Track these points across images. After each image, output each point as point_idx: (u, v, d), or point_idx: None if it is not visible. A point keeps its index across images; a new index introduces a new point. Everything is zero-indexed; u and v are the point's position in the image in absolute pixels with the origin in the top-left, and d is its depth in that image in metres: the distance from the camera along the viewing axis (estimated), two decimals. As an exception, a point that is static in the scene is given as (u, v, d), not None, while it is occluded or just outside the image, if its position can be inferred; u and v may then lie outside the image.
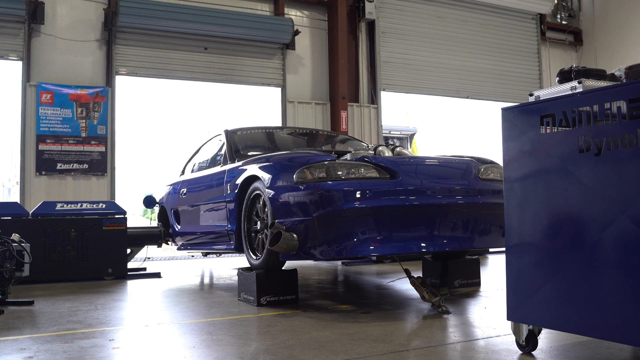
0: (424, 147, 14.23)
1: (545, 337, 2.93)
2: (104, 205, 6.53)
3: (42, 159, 8.85)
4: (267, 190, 4.19)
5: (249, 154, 5.38)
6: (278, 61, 10.73)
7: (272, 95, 10.83)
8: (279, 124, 10.50)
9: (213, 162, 5.86)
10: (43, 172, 8.85)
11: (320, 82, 11.12)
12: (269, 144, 6.02)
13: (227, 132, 5.75)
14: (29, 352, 2.89)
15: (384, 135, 11.78)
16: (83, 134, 9.11)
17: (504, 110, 2.66)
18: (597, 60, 13.37)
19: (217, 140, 5.98)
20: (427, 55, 12.00)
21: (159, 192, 7.60)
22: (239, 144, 5.59)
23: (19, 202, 8.36)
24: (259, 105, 10.97)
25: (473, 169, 4.30)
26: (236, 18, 10.07)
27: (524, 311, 2.57)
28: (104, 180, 9.23)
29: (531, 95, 2.66)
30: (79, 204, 6.43)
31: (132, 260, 6.96)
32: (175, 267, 7.81)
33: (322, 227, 3.79)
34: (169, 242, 7.22)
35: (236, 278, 5.06)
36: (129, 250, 6.68)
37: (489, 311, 3.92)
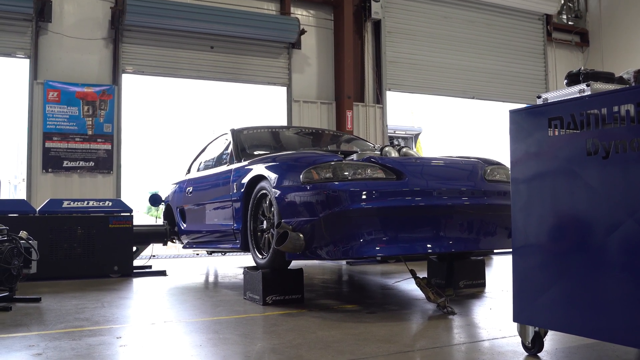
0: (429, 148, 14.23)
1: (551, 338, 2.93)
2: (110, 203, 6.56)
3: (48, 157, 8.89)
4: (273, 190, 4.20)
5: (255, 153, 5.40)
6: (284, 60, 10.74)
7: (277, 95, 10.84)
8: (285, 124, 10.51)
9: (219, 161, 5.88)
10: (49, 170, 8.89)
11: (325, 82, 11.12)
12: (275, 144, 6.04)
13: (233, 132, 5.76)
14: (37, 349, 2.91)
15: (389, 135, 11.78)
16: (89, 132, 9.14)
17: (512, 112, 2.67)
18: (604, 61, 13.33)
19: (223, 139, 6.00)
20: (433, 55, 11.98)
21: (165, 191, 7.63)
22: (245, 143, 5.61)
23: (25, 199, 8.40)
24: (264, 105, 11.00)
25: (479, 170, 4.31)
26: (243, 17, 10.09)
27: (530, 313, 2.57)
28: (110, 178, 9.26)
29: (539, 97, 2.66)
30: (86, 202, 6.46)
31: (137, 258, 6.99)
32: (181, 266, 7.84)
33: (328, 227, 3.80)
34: (175, 241, 7.25)
35: (241, 277, 5.08)
36: (134, 248, 6.71)
37: (494, 312, 3.92)
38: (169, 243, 7.44)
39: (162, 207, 7.63)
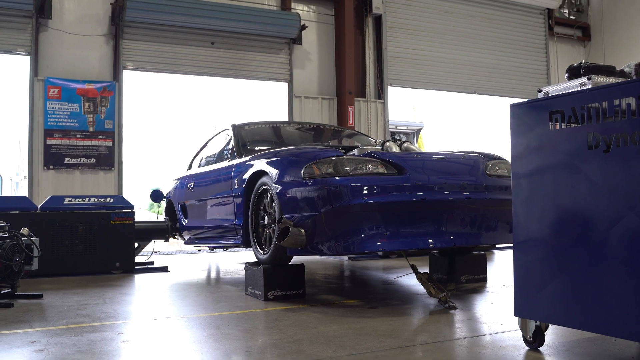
0: (431, 143, 14.21)
1: (552, 333, 2.93)
2: (111, 200, 6.56)
3: (50, 153, 8.90)
4: (274, 185, 4.20)
5: (256, 148, 5.40)
6: (285, 56, 10.73)
7: (278, 90, 10.84)
8: (286, 119, 10.50)
9: (220, 156, 5.87)
10: (51, 167, 8.90)
11: (327, 77, 11.11)
12: (276, 139, 6.03)
13: (234, 127, 5.76)
14: (39, 345, 2.91)
15: (390, 130, 11.78)
16: (90, 129, 9.15)
17: (513, 106, 2.66)
18: (605, 56, 13.30)
19: (225, 135, 5.99)
20: (434, 50, 11.97)
21: (166, 187, 7.62)
22: (246, 138, 5.60)
23: (27, 196, 8.41)
24: (265, 100, 11.00)
25: (480, 165, 4.30)
26: (243, 13, 10.09)
27: (532, 307, 2.57)
28: (111, 175, 9.27)
29: (540, 91, 2.65)
30: (87, 199, 6.46)
31: (139, 254, 6.99)
32: (182, 262, 7.84)
33: (329, 222, 3.80)
34: (176, 237, 7.25)
35: (243, 272, 5.08)
36: (136, 245, 6.71)
37: (495, 307, 3.92)
38: (171, 239, 7.44)
39: (163, 203, 7.63)
